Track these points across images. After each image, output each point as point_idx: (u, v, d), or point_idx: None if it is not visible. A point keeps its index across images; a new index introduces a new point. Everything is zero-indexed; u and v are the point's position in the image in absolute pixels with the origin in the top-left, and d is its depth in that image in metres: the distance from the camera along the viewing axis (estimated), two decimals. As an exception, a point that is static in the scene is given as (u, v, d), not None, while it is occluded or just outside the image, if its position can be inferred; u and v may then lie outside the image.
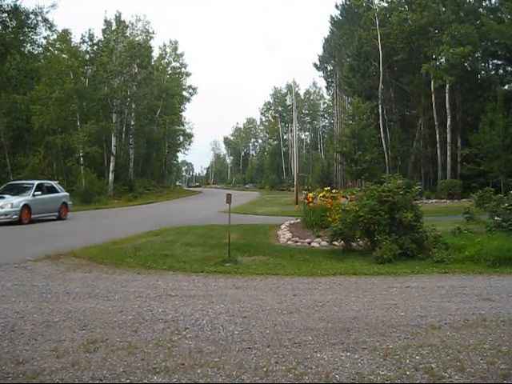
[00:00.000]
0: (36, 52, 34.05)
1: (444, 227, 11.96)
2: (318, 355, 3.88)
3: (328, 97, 74.27)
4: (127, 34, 42.26)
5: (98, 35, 41.76)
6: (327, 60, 59.34)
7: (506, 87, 35.24)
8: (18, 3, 24.53)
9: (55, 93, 33.20)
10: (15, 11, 24.42)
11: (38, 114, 32.87)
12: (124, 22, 42.46)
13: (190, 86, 60.38)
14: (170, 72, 56.13)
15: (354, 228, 10.50)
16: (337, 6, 52.22)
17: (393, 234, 9.67)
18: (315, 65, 61.70)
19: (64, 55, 37.22)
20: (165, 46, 55.33)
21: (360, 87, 40.66)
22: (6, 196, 16.67)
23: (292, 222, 16.10)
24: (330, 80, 62.27)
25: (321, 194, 14.33)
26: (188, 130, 65.62)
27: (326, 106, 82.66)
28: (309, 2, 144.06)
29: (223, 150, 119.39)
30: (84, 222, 19.02)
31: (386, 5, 41.36)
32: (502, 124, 28.97)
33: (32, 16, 25.36)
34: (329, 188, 14.77)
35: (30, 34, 27.59)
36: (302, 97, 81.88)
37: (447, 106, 34.32)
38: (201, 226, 16.55)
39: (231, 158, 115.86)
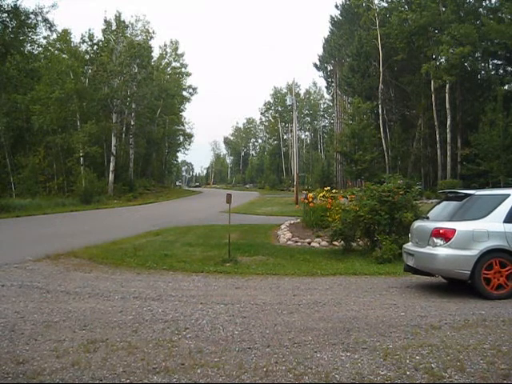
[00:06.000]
0: (36, 52, 34.10)
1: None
2: (318, 355, 3.87)
3: (328, 97, 74.24)
4: (127, 34, 42.26)
5: (98, 35, 41.93)
6: (327, 60, 59.28)
7: (506, 87, 35.21)
8: (18, 3, 24.55)
9: (55, 93, 33.22)
10: (15, 11, 24.41)
11: (38, 113, 32.88)
12: (124, 22, 42.53)
13: (190, 86, 60.43)
14: (170, 72, 56.12)
15: (353, 228, 10.51)
16: (337, 6, 52.30)
17: (393, 234, 9.67)
18: (315, 65, 61.73)
19: (64, 55, 37.27)
20: (165, 45, 55.42)
21: (360, 87, 40.66)
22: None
23: (292, 221, 16.10)
24: (330, 80, 62.24)
25: (321, 194, 14.31)
26: (188, 130, 65.83)
27: (326, 105, 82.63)
28: (309, 2, 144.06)
29: (223, 150, 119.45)
30: (84, 222, 19.01)
31: (385, 5, 41.42)
32: (502, 124, 28.94)
33: (32, 16, 25.38)
34: (329, 188, 14.76)
35: (30, 34, 27.59)
36: (302, 97, 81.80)
37: (447, 106, 34.31)
38: (201, 225, 16.55)
39: (231, 157, 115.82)
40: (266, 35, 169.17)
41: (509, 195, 6.45)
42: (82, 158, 34.78)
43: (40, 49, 34.81)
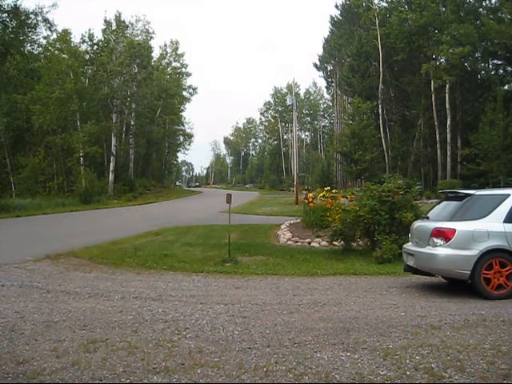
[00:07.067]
0: (36, 52, 34.06)
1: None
2: (318, 355, 3.87)
3: (328, 97, 74.31)
4: (127, 34, 42.24)
5: (98, 35, 41.90)
6: (327, 60, 59.29)
7: (506, 87, 35.20)
8: (18, 3, 24.55)
9: (55, 93, 33.21)
10: (15, 11, 24.40)
11: (38, 113, 32.87)
12: (124, 22, 42.48)
13: (190, 86, 60.40)
14: (170, 72, 56.09)
15: (353, 228, 10.51)
16: (337, 6, 52.30)
17: (393, 234, 9.67)
18: (315, 65, 61.74)
19: (64, 55, 37.24)
20: (165, 46, 55.32)
21: (360, 87, 40.66)
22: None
23: (292, 221, 16.10)
24: (329, 80, 62.26)
25: (321, 194, 14.31)
26: (188, 130, 65.77)
27: (326, 105, 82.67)
28: (309, 2, 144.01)
29: (223, 150, 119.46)
30: (84, 222, 19.01)
31: (385, 5, 41.44)
32: (502, 124, 28.93)
33: (32, 16, 25.37)
34: (329, 188, 14.75)
35: (30, 34, 27.57)
36: (302, 97, 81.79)
37: (447, 106, 34.31)
38: (201, 225, 16.55)
39: (231, 157, 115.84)
40: (266, 35, 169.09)
41: (509, 195, 6.46)
42: (81, 158, 34.77)
43: (40, 49, 34.76)
